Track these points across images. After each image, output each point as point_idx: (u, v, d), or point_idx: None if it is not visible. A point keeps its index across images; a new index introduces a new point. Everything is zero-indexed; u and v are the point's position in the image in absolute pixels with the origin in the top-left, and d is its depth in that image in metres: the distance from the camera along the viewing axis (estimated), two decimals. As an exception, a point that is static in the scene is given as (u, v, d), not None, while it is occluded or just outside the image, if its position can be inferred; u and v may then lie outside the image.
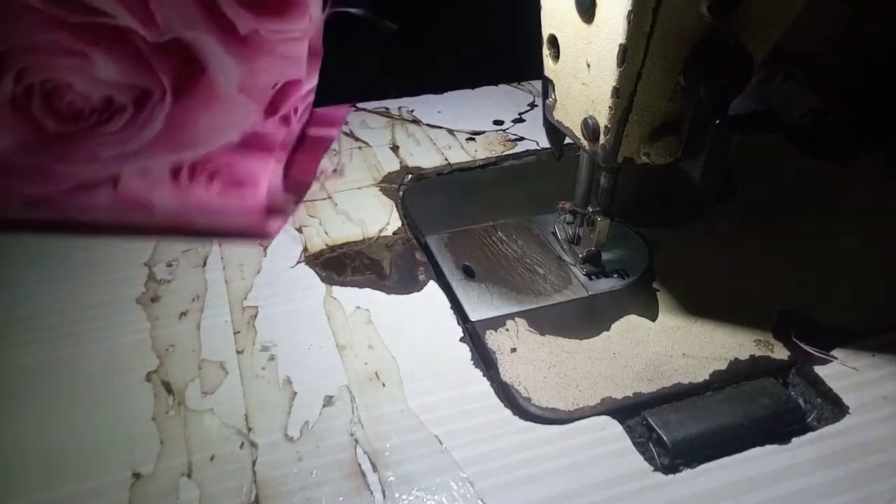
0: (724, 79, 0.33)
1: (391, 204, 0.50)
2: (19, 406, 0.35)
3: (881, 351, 0.38)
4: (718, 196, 0.51)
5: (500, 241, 0.46)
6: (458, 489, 0.31)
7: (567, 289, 0.42)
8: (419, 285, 0.43)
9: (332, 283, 0.43)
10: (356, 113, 0.63)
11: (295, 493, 0.31)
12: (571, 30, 0.35)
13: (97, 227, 0.46)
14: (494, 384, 0.36)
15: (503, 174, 0.54)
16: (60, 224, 0.46)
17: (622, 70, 0.32)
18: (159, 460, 0.32)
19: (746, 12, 0.32)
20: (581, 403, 0.35)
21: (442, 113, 0.62)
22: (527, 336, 0.39)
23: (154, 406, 0.35)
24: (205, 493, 0.31)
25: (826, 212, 0.50)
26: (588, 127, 0.36)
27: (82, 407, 0.35)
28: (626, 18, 0.30)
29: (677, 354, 0.38)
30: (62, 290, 0.42)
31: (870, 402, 0.35)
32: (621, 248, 0.45)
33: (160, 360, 0.37)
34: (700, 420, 0.34)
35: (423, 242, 0.46)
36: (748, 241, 0.47)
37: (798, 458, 0.32)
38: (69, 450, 0.33)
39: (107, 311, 0.40)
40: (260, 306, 0.41)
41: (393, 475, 0.32)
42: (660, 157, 0.36)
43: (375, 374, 0.37)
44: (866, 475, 0.32)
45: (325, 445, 0.33)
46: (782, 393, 0.35)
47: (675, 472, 0.32)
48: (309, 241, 0.46)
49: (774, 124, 0.59)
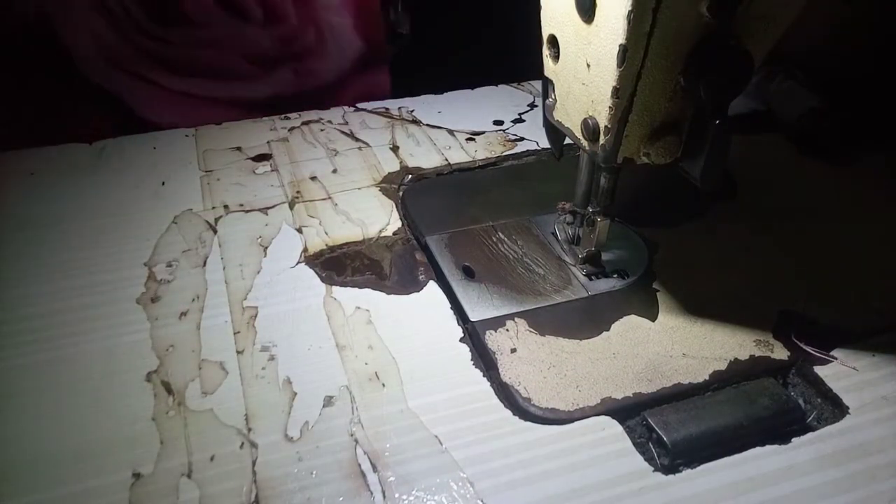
0: (724, 79, 0.33)
1: (391, 204, 0.50)
2: (19, 406, 0.35)
3: (881, 351, 0.38)
4: (718, 196, 0.51)
5: (500, 242, 0.46)
6: (458, 489, 0.31)
7: (567, 289, 0.42)
8: (419, 285, 0.43)
9: (332, 283, 0.43)
10: (356, 113, 0.63)
11: (295, 493, 0.31)
12: (571, 30, 0.35)
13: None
14: (494, 384, 0.36)
15: (503, 174, 0.54)
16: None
17: (622, 70, 0.32)
18: (159, 460, 0.32)
19: (746, 12, 0.32)
20: (581, 404, 0.35)
21: (442, 113, 0.63)
22: (527, 336, 0.39)
23: (154, 406, 0.35)
24: (205, 493, 0.31)
25: (826, 212, 0.50)
26: (588, 127, 0.36)
27: (82, 407, 0.35)
28: (626, 18, 0.30)
29: (677, 354, 0.38)
30: (62, 290, 0.42)
31: (870, 402, 0.35)
32: (621, 248, 0.45)
33: (160, 360, 0.37)
34: (700, 420, 0.34)
35: (423, 242, 0.46)
36: (748, 241, 0.47)
37: (798, 458, 0.32)
38: (69, 450, 0.33)
39: (107, 311, 0.40)
40: (260, 306, 0.41)
41: (393, 475, 0.32)
42: (660, 157, 0.36)
43: (375, 374, 0.37)
44: (866, 475, 0.32)
45: (325, 445, 0.33)
46: (782, 393, 0.35)
47: (675, 472, 0.32)
48: (309, 242, 0.46)
49: (774, 124, 0.59)
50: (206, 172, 0.54)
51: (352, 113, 0.63)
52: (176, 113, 0.66)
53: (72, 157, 0.55)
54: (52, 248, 0.45)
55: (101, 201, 0.50)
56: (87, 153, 0.56)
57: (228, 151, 0.56)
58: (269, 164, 0.55)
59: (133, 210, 0.49)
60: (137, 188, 0.52)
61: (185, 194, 0.51)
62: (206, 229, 0.47)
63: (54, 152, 0.55)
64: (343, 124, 0.61)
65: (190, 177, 0.53)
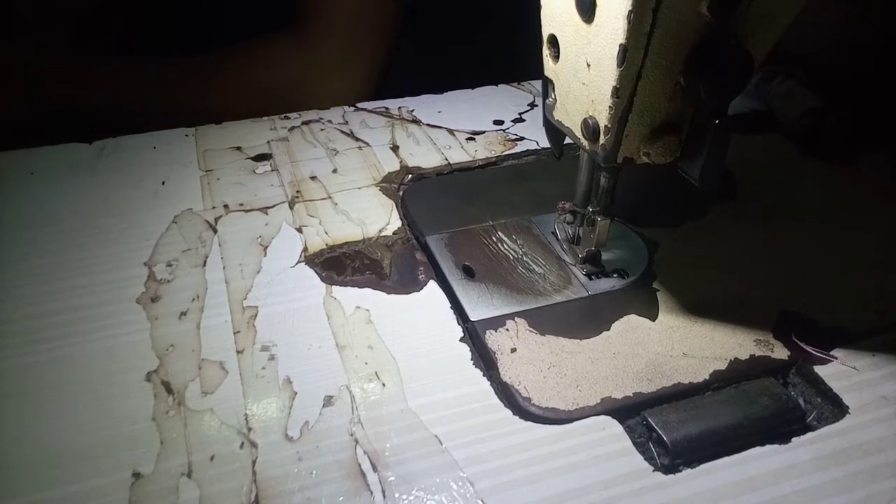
0: (724, 79, 0.33)
1: (391, 204, 0.50)
2: (19, 406, 0.35)
3: (881, 351, 0.38)
4: (718, 196, 0.51)
5: (500, 241, 0.46)
6: (458, 489, 0.31)
7: (567, 289, 0.42)
8: (419, 285, 0.43)
9: (331, 282, 0.43)
10: (356, 113, 0.63)
11: (295, 493, 0.31)
12: (571, 30, 0.35)
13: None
14: (494, 384, 0.36)
15: (503, 174, 0.54)
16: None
17: (622, 70, 0.32)
18: (159, 460, 0.32)
19: (746, 12, 0.32)
20: (581, 403, 0.35)
21: (442, 113, 0.62)
22: (527, 336, 0.39)
23: (154, 406, 0.35)
24: (205, 493, 0.31)
25: (826, 212, 0.50)
26: (588, 127, 0.36)
27: (82, 407, 0.35)
28: (626, 18, 0.30)
29: (677, 354, 0.38)
30: (62, 290, 0.42)
31: (870, 402, 0.35)
32: (621, 248, 0.45)
33: (160, 360, 0.37)
34: (700, 420, 0.34)
35: (423, 242, 0.46)
36: (748, 241, 0.47)
37: (798, 458, 0.32)
38: (69, 450, 0.33)
39: (107, 311, 0.40)
40: (260, 306, 0.41)
41: (393, 475, 0.32)
42: (660, 157, 0.36)
43: (375, 374, 0.37)
44: (866, 475, 0.32)
45: (325, 445, 0.33)
46: (782, 393, 0.35)
47: (675, 472, 0.32)
48: (309, 241, 0.46)
49: (774, 124, 0.59)
50: (206, 172, 0.54)
51: (352, 112, 0.63)
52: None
53: (72, 157, 0.55)
54: (52, 248, 0.45)
55: (101, 201, 0.50)
56: (87, 153, 0.56)
57: (228, 151, 0.56)
58: (269, 164, 0.55)
59: (133, 210, 0.49)
60: (137, 188, 0.52)
61: (185, 194, 0.51)
62: (206, 229, 0.47)
63: (54, 152, 0.55)
64: (343, 124, 0.61)
65: (190, 176, 0.53)
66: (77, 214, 0.49)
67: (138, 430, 0.33)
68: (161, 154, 0.56)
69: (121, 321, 0.40)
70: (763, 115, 0.60)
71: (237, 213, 0.49)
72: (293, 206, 0.50)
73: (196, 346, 0.38)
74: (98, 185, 0.52)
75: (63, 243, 0.46)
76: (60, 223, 0.48)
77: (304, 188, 0.52)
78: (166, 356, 0.37)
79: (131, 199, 0.50)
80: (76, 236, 0.46)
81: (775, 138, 0.58)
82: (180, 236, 0.46)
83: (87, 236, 0.46)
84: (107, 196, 0.51)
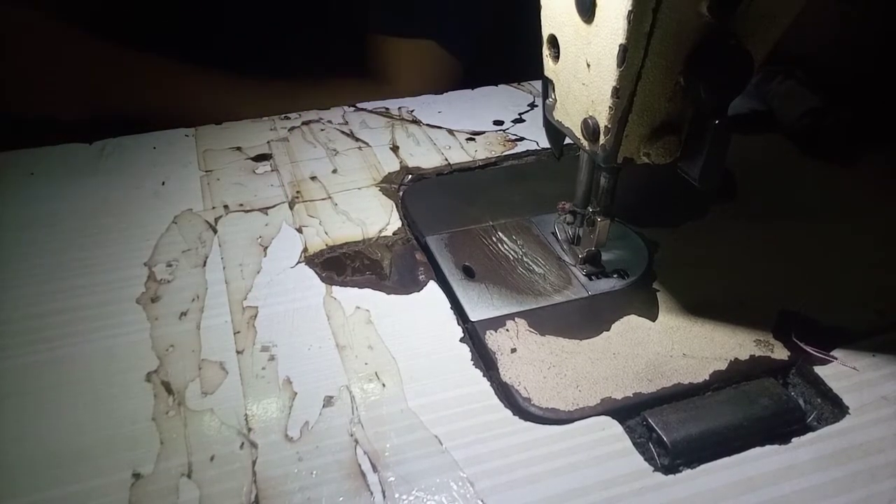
0: (724, 79, 0.33)
1: (391, 204, 0.50)
2: (19, 406, 0.35)
3: (881, 351, 0.38)
4: (718, 196, 0.51)
5: (500, 241, 0.46)
6: (458, 489, 0.31)
7: (567, 289, 0.42)
8: (419, 285, 0.43)
9: (331, 283, 0.43)
10: (356, 113, 0.63)
11: (295, 494, 0.31)
12: (571, 30, 0.35)
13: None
14: (494, 384, 0.36)
15: (503, 174, 0.54)
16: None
17: (622, 70, 0.32)
18: (159, 460, 0.32)
19: (746, 12, 0.32)
20: (581, 403, 0.35)
21: (442, 113, 0.63)
22: (527, 336, 0.39)
23: (154, 406, 0.35)
24: (205, 493, 0.31)
25: (826, 212, 0.50)
26: (588, 127, 0.36)
27: (82, 407, 0.35)
28: (626, 18, 0.30)
29: (677, 354, 0.38)
30: (62, 290, 0.42)
31: (870, 402, 0.35)
32: (621, 248, 0.45)
33: (160, 361, 0.37)
34: (700, 420, 0.34)
35: (423, 242, 0.46)
36: (748, 241, 0.47)
37: (798, 458, 0.32)
38: (69, 450, 0.33)
39: (107, 311, 0.40)
40: (260, 306, 0.41)
41: (393, 475, 0.32)
42: (660, 157, 0.36)
43: (375, 374, 0.37)
44: (866, 475, 0.32)
45: (325, 446, 0.33)
46: (782, 393, 0.35)
47: (675, 472, 0.32)
48: (309, 241, 0.46)
49: (774, 124, 0.59)
50: (206, 172, 0.54)
51: (352, 113, 0.63)
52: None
53: (72, 157, 0.55)
54: (52, 248, 0.45)
55: (101, 201, 0.50)
56: (87, 153, 0.56)
57: (228, 151, 0.56)
58: (269, 164, 0.55)
59: (133, 210, 0.49)
60: (137, 188, 0.52)
61: (185, 194, 0.51)
62: (206, 229, 0.47)
63: (54, 152, 0.55)
64: (343, 124, 0.61)
65: (190, 177, 0.53)
66: (77, 214, 0.49)
67: (138, 430, 0.33)
68: (161, 154, 0.56)
69: (121, 321, 0.40)
70: (763, 115, 0.60)
71: (237, 214, 0.49)
72: (293, 206, 0.50)
73: (196, 346, 0.38)
74: (98, 186, 0.52)
75: (63, 243, 0.46)
76: (60, 223, 0.48)
77: (304, 188, 0.52)
78: (166, 356, 0.37)
79: (131, 199, 0.50)
80: (76, 236, 0.46)
81: (775, 138, 0.58)
82: (180, 236, 0.47)
83: (87, 236, 0.46)
84: (107, 196, 0.51)
